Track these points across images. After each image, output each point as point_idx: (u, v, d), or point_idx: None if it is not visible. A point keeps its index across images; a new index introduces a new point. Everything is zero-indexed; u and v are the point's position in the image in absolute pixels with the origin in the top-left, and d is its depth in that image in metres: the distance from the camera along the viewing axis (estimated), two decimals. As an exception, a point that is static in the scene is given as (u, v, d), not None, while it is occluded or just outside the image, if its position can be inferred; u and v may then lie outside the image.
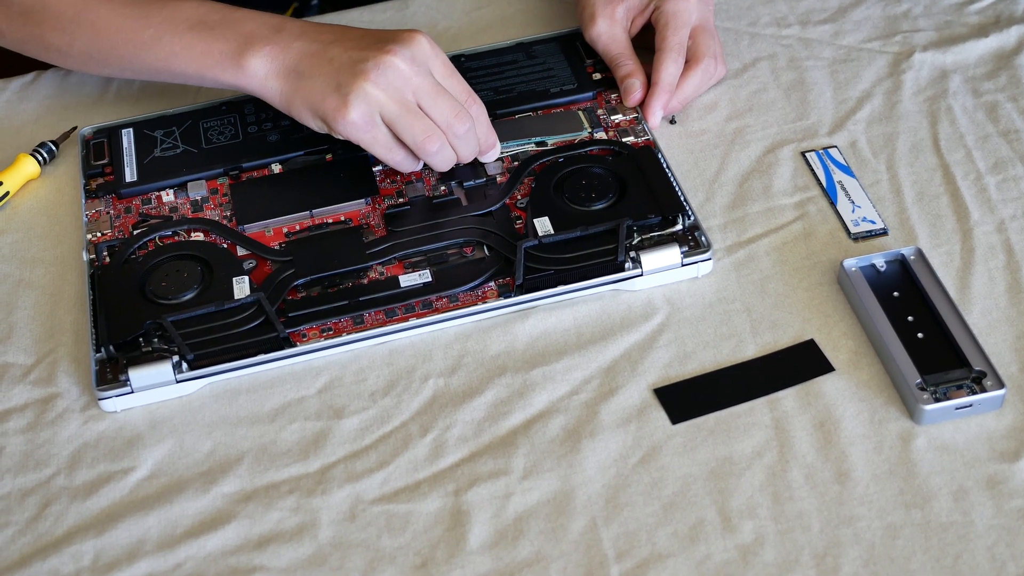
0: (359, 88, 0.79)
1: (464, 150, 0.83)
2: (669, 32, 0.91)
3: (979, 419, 0.72)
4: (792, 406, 0.73)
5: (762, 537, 0.67)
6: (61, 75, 1.00)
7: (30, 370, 0.79)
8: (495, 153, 0.86)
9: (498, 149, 0.86)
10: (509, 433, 0.73)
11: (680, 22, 0.91)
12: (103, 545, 0.70)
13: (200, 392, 0.77)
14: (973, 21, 0.98)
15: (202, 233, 0.84)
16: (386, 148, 0.81)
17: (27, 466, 0.74)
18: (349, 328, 0.78)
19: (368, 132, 0.80)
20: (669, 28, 0.91)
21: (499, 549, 0.68)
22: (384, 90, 0.79)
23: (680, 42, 0.91)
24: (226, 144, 0.90)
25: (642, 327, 0.78)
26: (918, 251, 0.79)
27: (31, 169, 0.91)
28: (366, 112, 0.79)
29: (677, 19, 0.91)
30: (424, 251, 0.82)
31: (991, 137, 0.88)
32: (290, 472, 0.73)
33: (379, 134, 0.81)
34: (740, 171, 0.87)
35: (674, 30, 0.91)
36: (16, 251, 0.87)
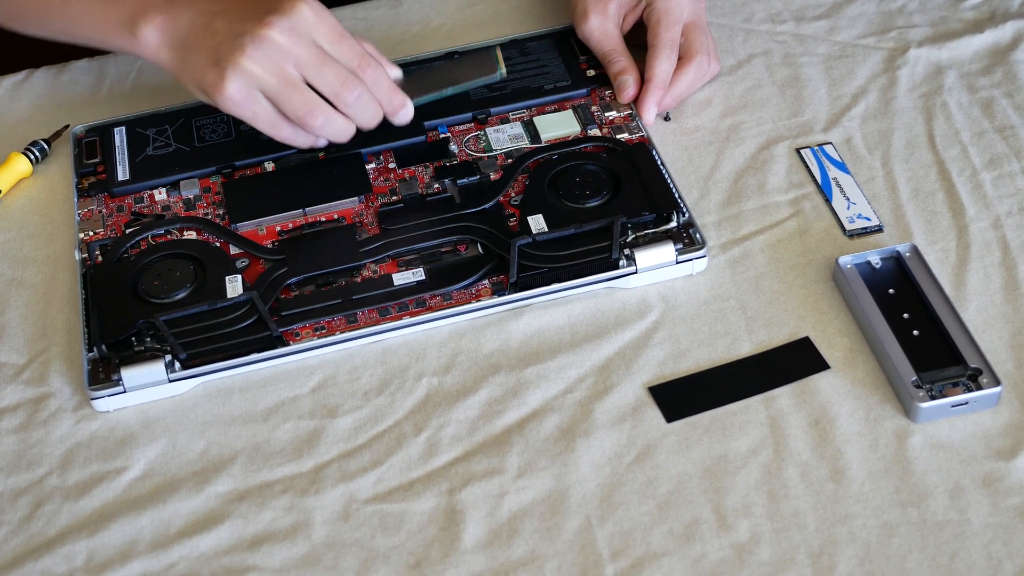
0: (236, 63, 0.77)
1: (361, 116, 0.81)
2: (661, 29, 0.90)
3: (975, 417, 0.71)
4: (787, 404, 0.73)
5: (758, 536, 0.67)
6: (53, 73, 1.00)
7: (22, 370, 0.79)
8: (405, 114, 0.84)
9: (409, 109, 0.84)
10: (503, 432, 0.73)
11: (672, 19, 0.90)
12: (96, 545, 0.70)
13: (193, 391, 0.77)
14: (968, 17, 0.98)
15: (195, 232, 0.84)
16: (269, 124, 0.80)
17: (19, 466, 0.74)
18: (342, 327, 0.78)
19: (248, 108, 0.79)
20: (661, 25, 0.90)
21: (493, 548, 0.68)
22: (261, 64, 0.77)
23: (672, 39, 0.90)
24: (219, 142, 0.90)
25: (636, 325, 0.78)
26: (913, 248, 0.78)
27: (23, 168, 0.91)
28: (243, 87, 0.78)
29: (669, 16, 0.90)
30: (417, 249, 0.81)
31: (986, 133, 0.88)
32: (283, 471, 0.72)
33: (259, 109, 0.79)
34: (735, 168, 0.87)
35: (666, 26, 0.90)
36: (8, 250, 0.86)
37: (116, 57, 1.01)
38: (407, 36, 1.01)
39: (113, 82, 0.99)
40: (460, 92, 0.88)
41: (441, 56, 0.96)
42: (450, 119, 0.90)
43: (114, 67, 1.00)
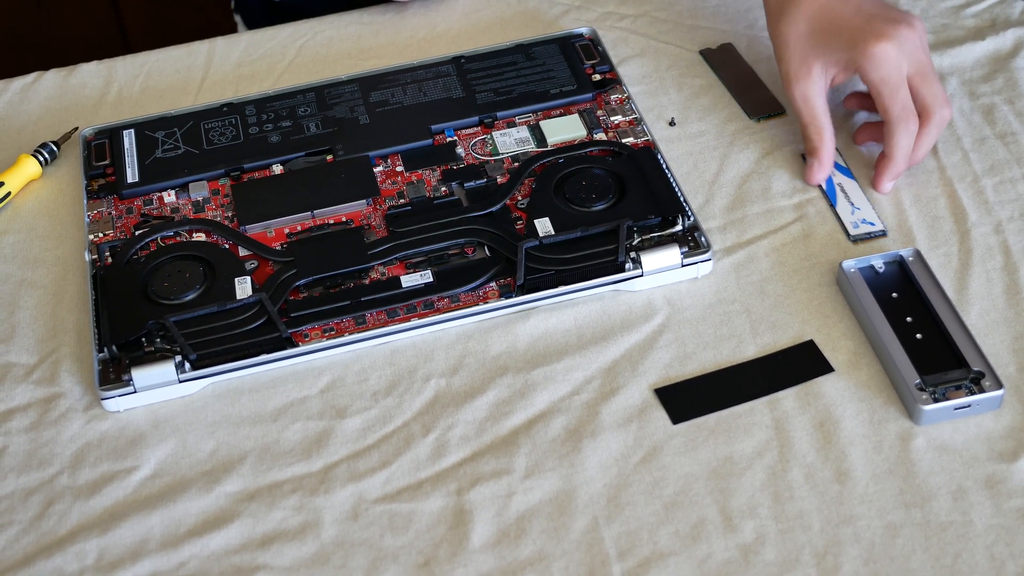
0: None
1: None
2: (886, 99, 0.83)
3: (977, 419, 0.72)
4: (792, 406, 0.74)
5: (763, 536, 0.68)
6: (63, 76, 1.00)
7: (33, 370, 0.79)
8: None
9: None
10: (511, 433, 0.74)
11: (892, 85, 0.82)
12: (107, 544, 0.70)
13: (203, 392, 0.77)
14: (970, 24, 0.99)
15: (204, 234, 0.84)
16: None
17: (30, 465, 0.74)
18: (351, 328, 0.78)
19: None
20: (884, 95, 0.82)
21: (501, 548, 0.69)
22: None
23: (903, 105, 0.82)
24: (227, 145, 0.90)
25: (642, 327, 0.79)
26: (916, 252, 0.79)
27: (33, 170, 0.91)
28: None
29: (887, 84, 0.82)
30: (425, 251, 0.82)
31: (988, 139, 0.89)
32: (293, 471, 0.73)
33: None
34: (739, 173, 0.88)
35: (891, 94, 0.82)
36: (18, 251, 0.87)
37: (124, 60, 1.02)
38: (412, 41, 1.02)
39: (122, 85, 0.99)
40: None
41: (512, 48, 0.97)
42: (457, 123, 0.90)
43: (123, 70, 1.01)
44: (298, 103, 0.93)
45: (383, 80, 0.95)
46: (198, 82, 0.99)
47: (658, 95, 0.95)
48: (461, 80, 0.94)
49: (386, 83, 0.94)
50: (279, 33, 1.04)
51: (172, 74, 1.00)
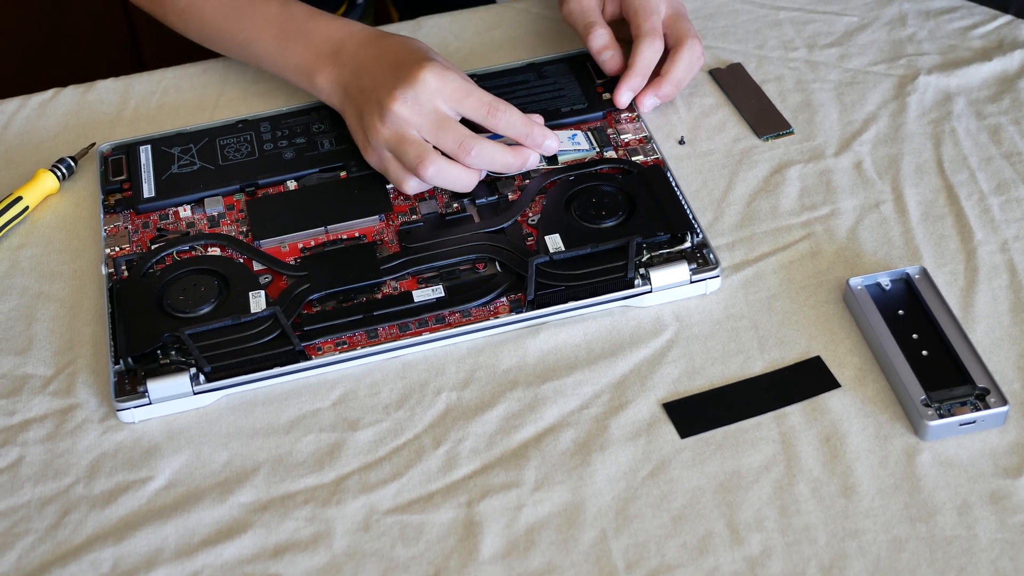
0: (372, 126, 0.86)
1: (491, 165, 0.86)
2: (641, 19, 0.93)
3: (983, 435, 0.73)
4: (799, 421, 0.74)
5: (769, 549, 0.68)
6: (80, 92, 1.02)
7: (49, 381, 0.80)
8: (549, 145, 0.87)
9: (552, 140, 0.87)
10: (520, 446, 0.75)
11: (649, 8, 0.93)
12: (121, 553, 0.71)
13: (217, 404, 0.78)
14: (977, 45, 1.00)
15: (219, 248, 0.86)
16: (396, 179, 0.87)
17: (47, 475, 0.75)
18: (363, 342, 0.79)
19: (380, 164, 0.87)
20: (640, 15, 0.93)
21: (511, 559, 0.69)
22: (389, 128, 0.85)
23: (653, 27, 0.93)
24: (242, 161, 0.92)
25: (651, 343, 0.80)
26: (923, 270, 0.80)
27: (50, 184, 0.92)
28: (375, 149, 0.86)
29: (646, 6, 0.93)
30: (437, 267, 0.83)
31: (994, 159, 0.90)
32: (305, 483, 0.74)
33: (388, 165, 0.86)
34: (748, 191, 0.89)
35: (645, 16, 0.93)
36: (35, 264, 0.88)
37: (141, 77, 1.03)
38: (426, 59, 1.03)
39: (138, 101, 1.01)
40: None
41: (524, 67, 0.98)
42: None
43: (139, 87, 1.02)
44: (312, 120, 0.95)
45: (396, 98, 0.96)
46: (214, 99, 1.01)
47: (668, 114, 0.96)
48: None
49: None
50: (294, 51, 1.05)
51: (188, 91, 1.02)
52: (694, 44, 0.93)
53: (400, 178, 0.86)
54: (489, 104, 0.85)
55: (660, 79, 0.93)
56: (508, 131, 0.86)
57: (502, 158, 0.85)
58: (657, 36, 0.93)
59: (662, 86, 0.93)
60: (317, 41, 0.91)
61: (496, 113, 0.85)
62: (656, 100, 0.93)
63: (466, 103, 0.85)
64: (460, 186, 0.85)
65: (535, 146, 0.87)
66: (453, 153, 0.84)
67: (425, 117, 0.84)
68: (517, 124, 0.86)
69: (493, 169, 0.86)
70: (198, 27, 0.98)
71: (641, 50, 0.92)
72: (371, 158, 0.87)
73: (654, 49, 0.92)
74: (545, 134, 0.87)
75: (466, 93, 0.85)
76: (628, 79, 0.93)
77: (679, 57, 0.93)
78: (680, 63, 0.93)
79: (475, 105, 0.85)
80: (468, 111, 0.85)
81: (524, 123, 0.86)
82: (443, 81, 0.84)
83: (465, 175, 0.85)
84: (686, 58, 0.93)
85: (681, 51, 0.92)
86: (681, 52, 0.92)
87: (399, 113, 0.84)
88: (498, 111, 0.85)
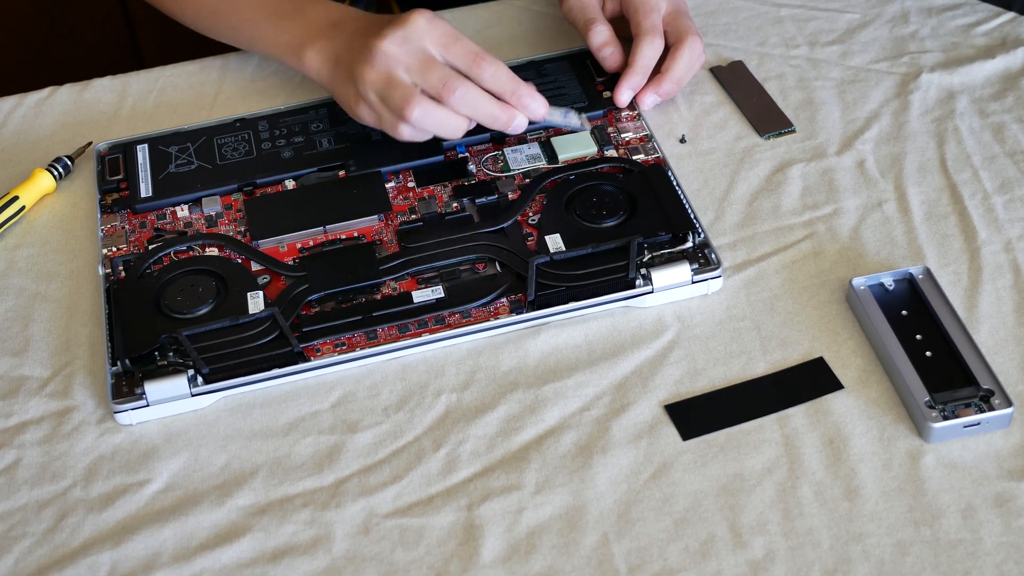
0: (358, 73, 0.85)
1: (472, 112, 0.85)
2: (641, 16, 0.92)
3: (987, 437, 0.72)
4: (802, 423, 0.74)
5: (772, 553, 0.68)
6: (77, 91, 1.01)
7: (46, 383, 0.80)
8: (536, 106, 0.86)
9: (539, 102, 0.86)
10: (521, 448, 0.74)
11: (649, 6, 0.92)
12: (119, 557, 0.71)
13: (215, 406, 0.78)
14: (980, 43, 0.99)
15: (217, 248, 0.85)
16: (388, 125, 0.86)
17: (44, 478, 0.75)
18: (363, 343, 0.79)
19: (365, 111, 0.87)
20: (640, 13, 0.92)
21: (512, 563, 0.69)
22: (376, 70, 0.84)
23: (654, 24, 0.92)
24: (240, 160, 0.91)
25: (653, 344, 0.79)
26: (926, 270, 0.80)
27: (47, 184, 0.92)
28: (367, 94, 0.85)
29: (646, 4, 0.92)
30: (437, 267, 0.82)
31: (998, 158, 0.89)
32: (304, 486, 0.73)
33: (374, 111, 0.86)
34: (749, 190, 0.88)
35: (645, 13, 0.92)
36: (32, 265, 0.87)
37: (138, 75, 1.02)
38: (425, 57, 1.02)
39: (136, 100, 1.00)
40: None
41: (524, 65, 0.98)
42: (468, 139, 0.91)
43: (136, 85, 1.02)
44: (310, 119, 0.94)
45: (395, 96, 0.95)
46: (211, 97, 1.00)
47: (669, 112, 0.95)
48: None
49: None
50: (292, 49, 1.04)
51: (186, 89, 1.01)
52: (695, 41, 0.92)
53: (392, 124, 0.85)
54: (476, 53, 0.85)
55: (660, 77, 0.92)
56: (493, 83, 0.85)
57: (487, 106, 0.85)
58: (657, 34, 0.92)
59: (663, 84, 0.92)
60: (313, 19, 0.91)
61: (482, 63, 0.84)
62: (657, 98, 0.93)
63: (453, 48, 0.84)
64: (447, 130, 0.85)
65: (520, 105, 0.86)
66: (437, 92, 0.83)
67: (412, 56, 0.83)
68: (503, 78, 0.85)
69: (476, 117, 0.85)
70: (193, 12, 0.98)
71: (641, 48, 0.92)
72: (362, 111, 0.87)
73: (654, 47, 0.92)
74: (532, 94, 0.86)
75: (455, 39, 0.85)
76: (628, 78, 0.92)
77: (679, 55, 0.92)
78: (680, 61, 0.92)
79: (462, 52, 0.84)
80: (455, 57, 0.84)
81: (510, 79, 0.85)
82: (433, 24, 0.84)
83: (452, 118, 0.84)
84: (686, 56, 0.92)
85: (682, 49, 0.92)
86: (681, 50, 0.92)
87: (386, 50, 0.83)
88: (484, 60, 0.85)
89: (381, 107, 0.85)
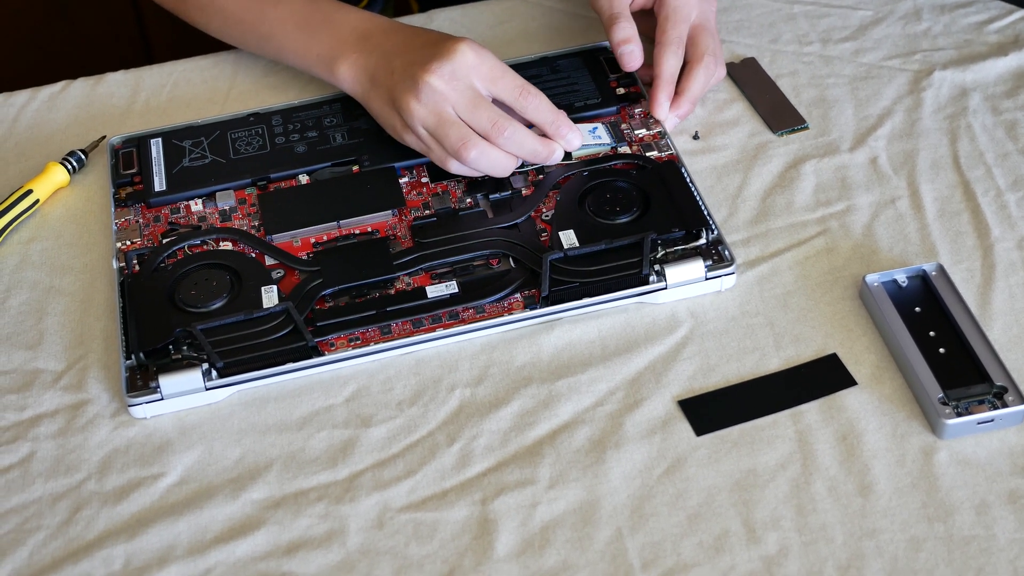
0: (405, 106, 0.85)
1: (519, 151, 0.85)
2: (669, 25, 0.92)
3: (1000, 434, 0.72)
4: (815, 419, 0.74)
5: (786, 548, 0.68)
6: (90, 85, 1.01)
7: (60, 376, 0.80)
8: (572, 138, 0.87)
9: (575, 134, 0.87)
10: (535, 443, 0.74)
11: (680, 16, 0.92)
12: (134, 550, 0.71)
13: (229, 400, 0.78)
14: (992, 40, 0.99)
15: (231, 243, 0.85)
16: (436, 158, 0.86)
17: (58, 471, 0.75)
18: (376, 338, 0.79)
19: (415, 143, 0.87)
20: (669, 21, 0.92)
21: (526, 557, 0.69)
22: (425, 106, 0.84)
23: (680, 36, 0.92)
24: (254, 155, 0.91)
25: (666, 340, 0.79)
26: (939, 267, 0.80)
27: (60, 178, 0.92)
28: (416, 128, 0.85)
29: (678, 13, 0.92)
30: (450, 262, 0.83)
31: (1011, 155, 0.89)
32: (318, 479, 0.73)
33: (425, 144, 0.86)
34: (762, 187, 0.88)
35: (674, 24, 0.92)
36: (46, 258, 0.88)
37: (151, 69, 1.02)
38: (438, 52, 1.02)
39: (149, 94, 1.00)
40: None
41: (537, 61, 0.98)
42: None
43: (149, 79, 1.02)
44: (324, 114, 0.94)
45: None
46: (224, 92, 1.00)
47: (682, 108, 0.95)
48: (486, 92, 0.94)
49: None
50: (305, 44, 1.05)
51: (199, 84, 1.01)
52: (709, 62, 0.92)
53: (442, 159, 0.86)
54: (522, 87, 0.85)
55: (677, 98, 0.92)
56: (536, 116, 0.86)
57: (531, 144, 0.85)
58: (680, 45, 0.92)
59: (680, 105, 0.92)
60: (343, 30, 0.91)
61: (528, 96, 0.85)
62: (676, 119, 0.92)
63: (501, 83, 0.85)
64: (498, 170, 0.85)
65: (559, 136, 0.86)
66: (486, 132, 0.84)
67: (461, 94, 0.84)
68: (546, 110, 0.86)
69: (522, 155, 0.86)
70: (220, 22, 0.97)
71: (665, 58, 0.91)
72: (409, 139, 0.87)
73: (677, 58, 0.92)
74: (570, 126, 0.87)
75: (502, 73, 0.85)
76: (661, 89, 0.91)
77: (694, 75, 0.92)
78: (695, 81, 0.92)
79: (509, 86, 0.85)
80: (501, 91, 0.85)
81: (552, 111, 0.86)
82: (480, 58, 0.84)
83: (504, 158, 0.85)
84: (701, 76, 0.92)
85: (697, 68, 0.92)
86: (697, 69, 0.92)
87: (435, 87, 0.83)
88: (530, 94, 0.85)
89: (432, 141, 0.85)
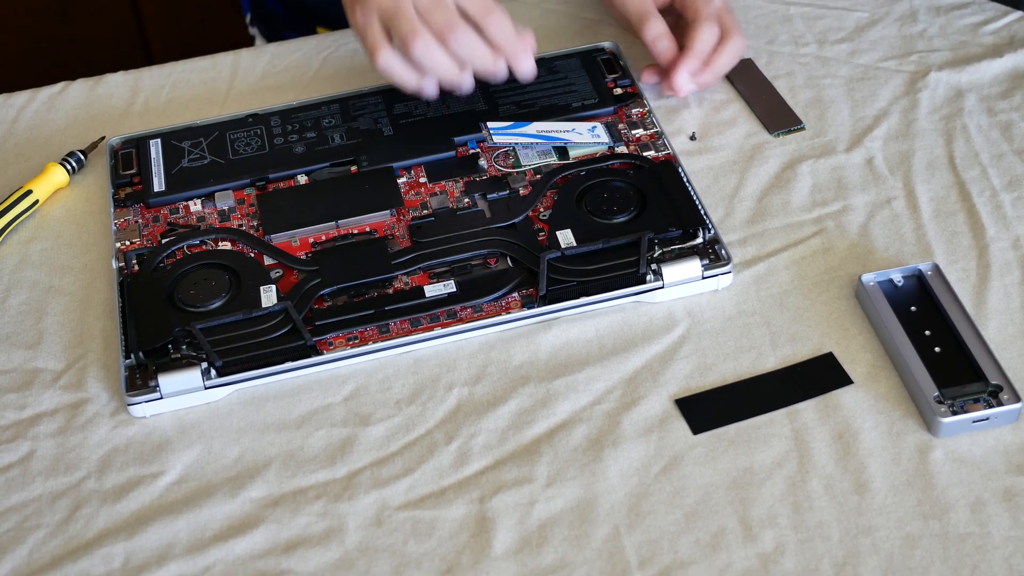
0: None
1: (467, 54, 0.85)
2: (700, 4, 0.93)
3: (996, 432, 0.73)
4: (811, 418, 0.74)
5: (782, 546, 0.68)
6: (89, 86, 1.02)
7: (60, 375, 0.80)
8: (527, 64, 0.88)
9: (530, 61, 0.88)
10: (533, 442, 0.75)
11: None
12: (133, 548, 0.71)
13: (228, 399, 0.78)
14: (988, 41, 0.99)
15: (230, 243, 0.85)
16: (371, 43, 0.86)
17: (58, 469, 0.75)
18: (375, 337, 0.79)
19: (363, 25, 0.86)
20: (700, 1, 0.93)
21: (523, 555, 0.69)
22: None
23: (714, 12, 0.93)
24: (252, 155, 0.91)
25: (663, 339, 0.79)
26: (935, 267, 0.80)
27: (60, 178, 0.92)
28: (369, 10, 0.85)
29: None
30: (448, 262, 0.83)
31: (1006, 155, 0.90)
32: (317, 478, 0.74)
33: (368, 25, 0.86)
34: (759, 187, 0.89)
35: (705, 2, 0.92)
36: (46, 258, 0.88)
37: (151, 70, 1.03)
38: (436, 53, 1.03)
39: (148, 95, 1.01)
40: None
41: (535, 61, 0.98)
42: (480, 135, 0.91)
43: (148, 80, 1.02)
44: (323, 114, 0.94)
45: (407, 92, 0.96)
46: (223, 93, 1.00)
47: (679, 109, 0.95)
48: (484, 93, 0.95)
49: (410, 95, 0.95)
50: (304, 45, 1.05)
51: (198, 85, 1.01)
52: (738, 40, 0.93)
53: (375, 45, 0.86)
54: (488, 4, 0.85)
55: (704, 68, 0.93)
56: (497, 34, 0.86)
57: (481, 53, 0.86)
58: (715, 22, 0.93)
59: (704, 74, 0.93)
60: None
61: (492, 13, 0.85)
62: (694, 86, 0.93)
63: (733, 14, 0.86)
64: (441, 71, 0.86)
65: (514, 59, 0.87)
66: (439, 31, 0.84)
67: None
68: (508, 31, 0.86)
69: (470, 60, 0.86)
70: None
71: (700, 33, 0.92)
72: (355, 16, 0.87)
73: (713, 33, 0.92)
74: (528, 56, 0.87)
75: None
76: (686, 62, 0.92)
77: (725, 49, 0.93)
78: (725, 55, 0.93)
79: (472, 2, 0.85)
80: (467, 3, 0.85)
81: (514, 34, 0.87)
82: None
83: (449, 63, 0.85)
84: (731, 51, 0.93)
85: (728, 43, 0.93)
86: (727, 44, 0.93)
87: None
88: (494, 12, 0.85)
89: (375, 27, 0.85)
